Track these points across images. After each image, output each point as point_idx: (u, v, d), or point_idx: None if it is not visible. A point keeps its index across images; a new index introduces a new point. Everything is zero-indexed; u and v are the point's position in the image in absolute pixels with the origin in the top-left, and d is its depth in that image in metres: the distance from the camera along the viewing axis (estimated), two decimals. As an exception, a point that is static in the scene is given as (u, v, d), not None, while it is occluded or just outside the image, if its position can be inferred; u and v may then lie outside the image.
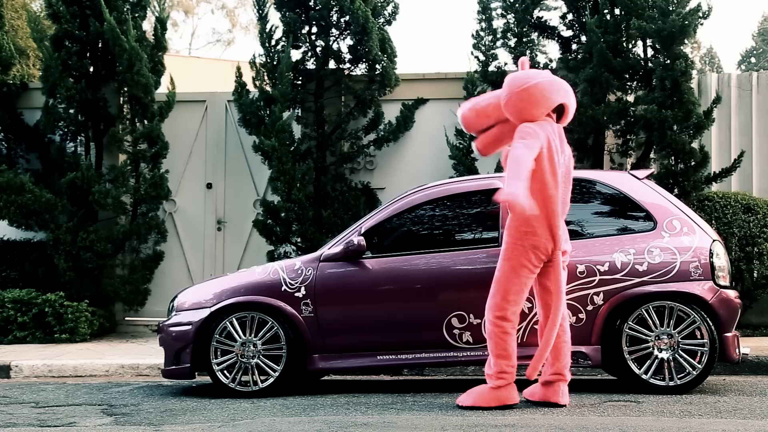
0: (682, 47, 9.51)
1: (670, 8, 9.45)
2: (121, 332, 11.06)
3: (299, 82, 10.73)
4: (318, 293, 6.52)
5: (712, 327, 6.19)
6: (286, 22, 10.58)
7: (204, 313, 6.59)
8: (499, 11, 10.62)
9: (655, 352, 6.19)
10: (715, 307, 6.24)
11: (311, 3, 10.67)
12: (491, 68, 10.51)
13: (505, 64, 10.59)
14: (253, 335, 6.50)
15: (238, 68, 10.66)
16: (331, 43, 10.72)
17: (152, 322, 10.72)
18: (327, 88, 10.69)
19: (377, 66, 10.68)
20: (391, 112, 10.83)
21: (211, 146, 11.49)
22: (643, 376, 6.19)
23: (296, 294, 6.54)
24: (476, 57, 10.58)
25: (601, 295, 6.28)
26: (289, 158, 10.10)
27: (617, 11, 9.77)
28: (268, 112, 10.35)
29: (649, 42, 9.77)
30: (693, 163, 9.46)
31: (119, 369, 8.24)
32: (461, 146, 10.36)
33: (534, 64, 10.46)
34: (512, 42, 10.47)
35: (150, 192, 10.60)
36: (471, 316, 6.31)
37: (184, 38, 50.74)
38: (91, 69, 10.91)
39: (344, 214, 10.15)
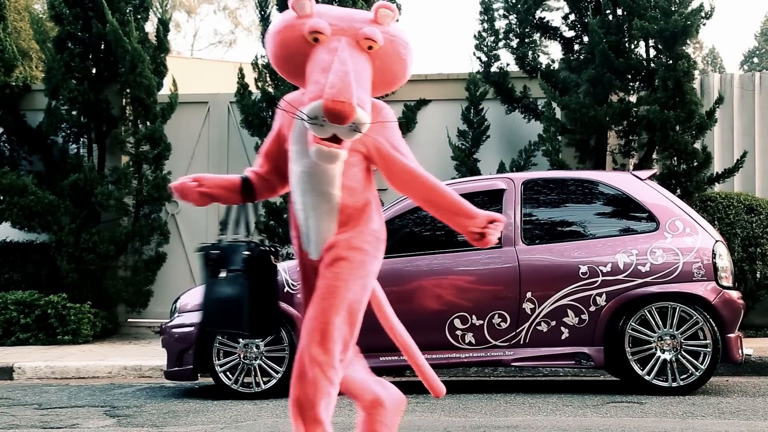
0: (684, 47, 9.50)
1: (673, 8, 9.44)
2: (124, 334, 11.06)
3: (301, 84, 10.72)
4: (320, 294, 6.50)
5: (715, 328, 6.18)
6: (288, 23, 10.56)
7: (206, 315, 6.58)
8: (502, 12, 10.62)
9: (658, 353, 6.19)
10: (718, 308, 6.23)
11: (313, 4, 10.66)
12: (493, 69, 10.50)
13: (507, 64, 10.60)
14: (255, 337, 6.51)
15: (241, 69, 10.65)
16: (333, 44, 10.70)
17: (155, 323, 10.71)
18: (329, 90, 10.67)
19: (379, 67, 10.66)
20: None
21: (214, 147, 11.49)
22: (646, 377, 6.19)
23: (298, 295, 6.53)
24: (478, 58, 10.58)
25: (604, 295, 6.27)
26: (292, 159, 10.09)
27: (619, 12, 9.76)
28: (270, 113, 10.34)
29: (651, 42, 9.75)
30: (695, 164, 9.45)
31: (122, 371, 8.23)
32: (463, 147, 10.35)
33: (536, 65, 10.48)
34: (514, 43, 10.47)
35: (152, 193, 10.60)
36: (473, 317, 6.31)
37: (186, 39, 50.77)
38: (94, 71, 10.91)
39: (346, 216, 10.14)
